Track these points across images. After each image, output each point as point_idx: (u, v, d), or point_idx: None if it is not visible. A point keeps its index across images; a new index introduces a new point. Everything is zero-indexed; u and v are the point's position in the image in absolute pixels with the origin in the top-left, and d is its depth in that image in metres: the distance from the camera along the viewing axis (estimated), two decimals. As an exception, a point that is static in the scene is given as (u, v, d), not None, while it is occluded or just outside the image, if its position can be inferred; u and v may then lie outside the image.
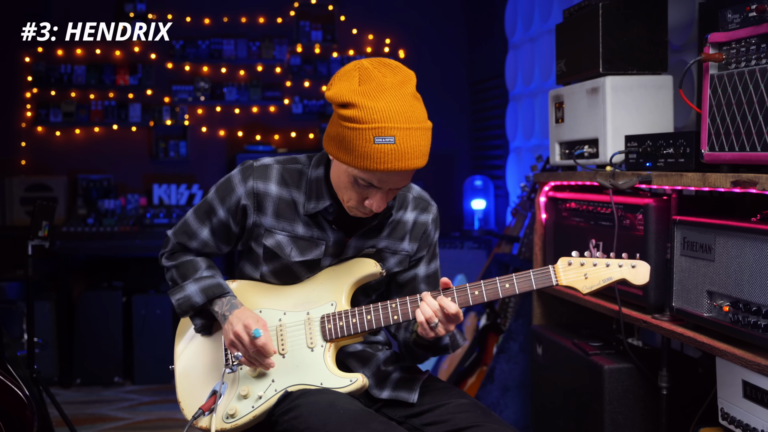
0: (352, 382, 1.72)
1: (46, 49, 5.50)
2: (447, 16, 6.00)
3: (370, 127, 1.57)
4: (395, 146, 1.56)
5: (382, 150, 1.56)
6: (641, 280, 1.64)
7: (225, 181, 1.84)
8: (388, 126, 1.57)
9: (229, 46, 5.62)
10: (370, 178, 1.62)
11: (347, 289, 1.78)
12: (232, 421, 1.73)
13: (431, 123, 1.67)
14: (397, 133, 1.57)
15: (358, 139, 1.58)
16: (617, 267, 1.65)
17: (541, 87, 4.33)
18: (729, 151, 1.84)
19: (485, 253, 5.06)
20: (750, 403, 1.74)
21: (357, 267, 1.79)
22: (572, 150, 2.61)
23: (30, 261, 3.17)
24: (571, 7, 2.68)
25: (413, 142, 1.58)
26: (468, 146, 6.02)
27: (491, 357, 3.63)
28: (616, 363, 2.30)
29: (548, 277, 1.65)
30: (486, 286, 1.67)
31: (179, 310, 1.83)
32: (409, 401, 1.80)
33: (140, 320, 4.89)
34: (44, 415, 3.01)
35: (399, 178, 1.63)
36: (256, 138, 5.74)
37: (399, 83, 1.63)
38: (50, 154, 5.57)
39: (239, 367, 1.77)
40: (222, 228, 1.85)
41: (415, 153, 1.59)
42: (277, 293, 1.83)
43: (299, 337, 1.77)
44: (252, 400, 1.74)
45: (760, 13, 1.75)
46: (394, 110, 1.58)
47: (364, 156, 1.58)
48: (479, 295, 1.67)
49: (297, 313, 1.79)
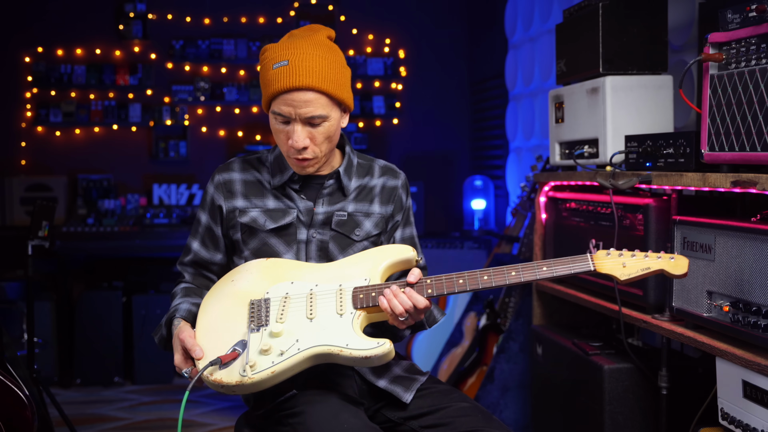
0: (379, 345, 1.65)
1: (46, 49, 5.51)
2: (447, 16, 6.00)
3: (270, 57, 1.76)
4: (288, 66, 1.73)
5: (278, 72, 1.73)
6: (680, 271, 1.64)
7: (203, 193, 1.97)
8: (283, 53, 1.75)
9: (229, 46, 5.62)
10: (279, 107, 1.75)
11: (382, 270, 1.78)
12: (248, 374, 1.63)
13: (340, 58, 1.80)
14: (291, 56, 1.73)
15: (264, 72, 1.77)
16: (656, 258, 1.65)
17: (541, 87, 4.33)
18: (729, 151, 1.84)
19: (485, 253, 5.06)
20: (750, 403, 1.74)
21: (394, 250, 1.82)
22: (572, 150, 2.61)
23: (30, 261, 3.17)
24: (571, 7, 2.68)
25: (307, 63, 1.73)
26: (468, 146, 6.02)
27: (491, 357, 3.63)
28: (616, 363, 2.30)
29: (586, 262, 1.66)
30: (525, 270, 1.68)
31: (160, 346, 1.90)
32: (402, 399, 1.80)
33: (140, 320, 4.89)
34: (44, 415, 3.01)
35: (301, 101, 1.73)
36: (256, 138, 5.74)
37: (308, 30, 1.82)
38: (50, 154, 5.57)
39: (264, 327, 1.71)
40: (208, 233, 1.94)
41: (309, 72, 1.72)
42: (311, 269, 1.83)
43: (329, 304, 1.74)
44: (273, 355, 1.66)
45: (760, 13, 1.75)
46: (292, 43, 1.77)
47: (267, 84, 1.75)
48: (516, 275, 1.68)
49: (329, 285, 1.77)
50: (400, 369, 1.88)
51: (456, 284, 1.70)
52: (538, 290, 2.88)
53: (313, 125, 1.77)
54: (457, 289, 1.70)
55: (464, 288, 1.70)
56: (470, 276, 1.70)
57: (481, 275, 1.70)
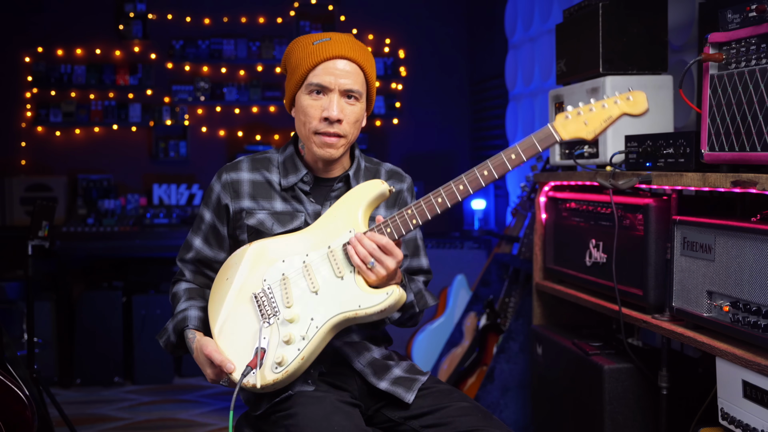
0: (388, 295, 1.66)
1: (46, 49, 5.51)
2: (447, 16, 6.00)
3: (306, 41, 1.80)
4: (330, 42, 1.78)
5: (321, 45, 1.77)
6: (641, 108, 1.59)
7: (207, 189, 1.95)
8: (324, 35, 1.80)
9: (229, 46, 5.62)
10: (319, 77, 1.76)
11: (362, 213, 1.75)
12: (281, 369, 1.66)
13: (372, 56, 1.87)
14: (332, 36, 1.80)
15: (300, 51, 1.80)
16: (614, 103, 1.60)
17: (541, 87, 4.33)
18: (729, 151, 1.84)
19: (485, 253, 5.06)
20: (750, 403, 1.74)
21: (364, 190, 1.78)
22: (572, 150, 2.61)
23: (30, 261, 3.17)
24: (571, 7, 2.68)
25: (349, 40, 1.80)
26: (468, 146, 6.02)
27: (491, 357, 3.63)
28: (616, 363, 2.30)
29: (549, 135, 1.62)
30: (493, 162, 1.64)
31: (166, 350, 1.89)
32: (404, 400, 1.80)
33: (140, 320, 4.89)
34: (44, 415, 3.01)
35: (343, 71, 1.77)
36: (256, 138, 5.74)
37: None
38: (50, 154, 5.57)
39: (276, 318, 1.72)
40: (211, 231, 1.92)
41: (352, 46, 1.79)
42: (295, 239, 1.81)
43: (326, 270, 1.73)
44: (297, 342, 1.68)
45: (760, 13, 1.75)
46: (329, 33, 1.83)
47: (306, 58, 1.77)
48: (488, 174, 1.65)
49: (319, 250, 1.76)
50: (400, 370, 1.88)
51: (409, 219, 1.69)
52: (538, 290, 2.88)
53: (348, 99, 1.79)
54: (418, 219, 1.69)
55: (425, 217, 1.69)
56: (425, 202, 1.69)
57: (435, 197, 1.68)
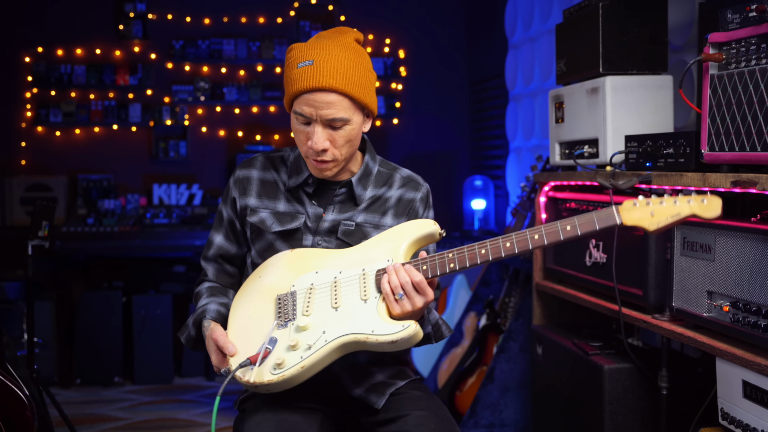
0: (404, 328, 1.62)
1: (46, 49, 5.51)
2: (447, 16, 6.00)
3: (295, 56, 1.74)
4: (313, 66, 1.70)
5: (303, 72, 1.70)
6: (713, 214, 1.50)
7: (226, 186, 1.97)
8: (309, 52, 1.72)
9: (229, 46, 5.62)
10: (300, 107, 1.72)
11: (405, 247, 1.72)
12: (279, 372, 1.63)
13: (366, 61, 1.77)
14: (316, 56, 1.70)
15: (288, 71, 1.74)
16: (686, 203, 1.52)
17: (541, 87, 4.33)
18: (729, 151, 1.84)
19: (485, 253, 5.05)
20: (750, 403, 1.74)
21: (415, 226, 1.75)
22: (572, 150, 2.61)
23: (30, 261, 3.17)
24: (571, 7, 2.68)
25: (332, 64, 1.70)
26: (468, 146, 6.02)
27: (491, 357, 3.63)
28: (616, 363, 2.30)
29: (611, 216, 1.55)
30: (546, 229, 1.59)
31: (187, 346, 1.90)
32: (374, 406, 1.79)
33: (140, 320, 4.89)
34: (44, 415, 3.01)
35: (323, 102, 1.70)
36: (256, 138, 5.74)
37: (336, 32, 1.79)
38: (50, 154, 5.57)
39: (291, 322, 1.71)
40: (230, 228, 1.93)
41: (333, 73, 1.69)
42: (336, 255, 1.79)
43: (353, 291, 1.71)
44: (301, 350, 1.65)
45: (760, 13, 1.75)
46: (318, 43, 1.74)
47: (291, 83, 1.72)
48: (539, 239, 1.59)
49: (353, 270, 1.74)
50: (384, 375, 1.85)
51: (447, 263, 1.65)
52: (538, 290, 2.88)
53: (334, 128, 1.73)
54: (457, 265, 1.64)
55: (464, 264, 1.64)
56: (469, 250, 1.63)
57: (479, 248, 1.63)
